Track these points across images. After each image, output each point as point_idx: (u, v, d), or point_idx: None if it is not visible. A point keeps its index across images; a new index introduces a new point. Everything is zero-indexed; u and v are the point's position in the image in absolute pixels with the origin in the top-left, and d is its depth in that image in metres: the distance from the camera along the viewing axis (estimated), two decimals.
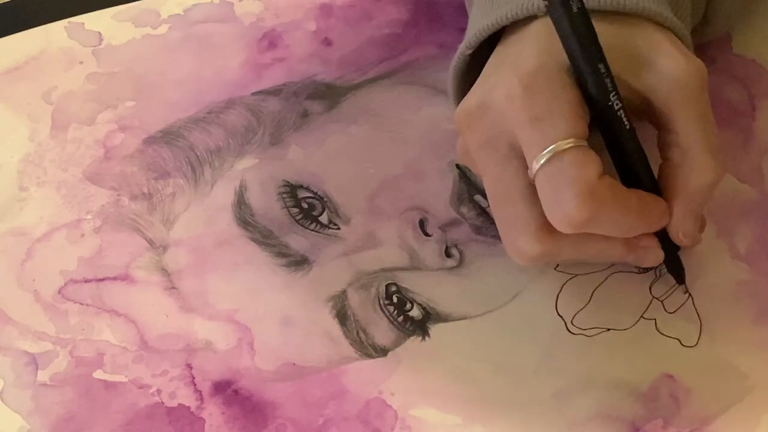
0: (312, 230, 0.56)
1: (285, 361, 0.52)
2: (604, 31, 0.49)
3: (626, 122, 0.49)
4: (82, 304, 0.54)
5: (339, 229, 0.56)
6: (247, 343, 0.53)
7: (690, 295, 0.54)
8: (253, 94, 0.61)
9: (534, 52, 0.49)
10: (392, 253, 0.55)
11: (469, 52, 0.53)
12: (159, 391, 0.52)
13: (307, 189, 0.57)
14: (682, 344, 0.53)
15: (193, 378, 0.52)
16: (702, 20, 0.58)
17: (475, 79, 0.52)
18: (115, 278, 0.55)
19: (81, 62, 0.62)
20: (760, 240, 0.56)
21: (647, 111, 0.50)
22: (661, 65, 0.49)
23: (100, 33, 0.63)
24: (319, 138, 0.59)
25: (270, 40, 0.63)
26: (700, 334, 0.53)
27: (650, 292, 0.54)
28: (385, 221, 0.56)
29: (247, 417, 0.51)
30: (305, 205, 0.56)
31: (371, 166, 0.58)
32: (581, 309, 0.54)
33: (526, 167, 0.48)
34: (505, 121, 0.49)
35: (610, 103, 0.49)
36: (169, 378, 0.52)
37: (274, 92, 0.61)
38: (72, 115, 0.60)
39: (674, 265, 0.53)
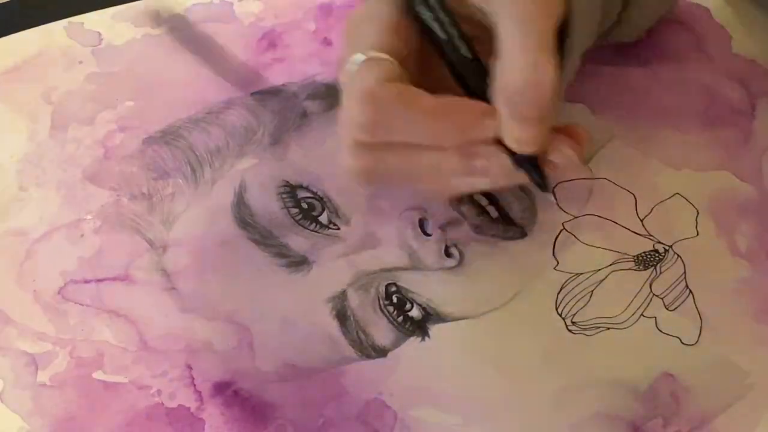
0: (312, 230, 0.56)
1: (285, 362, 0.52)
2: None
3: (440, 33, 0.49)
4: (82, 305, 0.54)
5: (339, 229, 0.56)
6: (246, 344, 0.53)
7: (690, 292, 0.54)
8: (252, 94, 0.61)
9: None
10: (392, 253, 0.55)
11: None
12: (159, 392, 0.52)
13: (307, 189, 0.57)
14: (682, 342, 0.53)
15: (193, 379, 0.52)
16: (617, 20, 0.58)
17: None
18: (114, 279, 0.55)
19: (80, 62, 0.62)
20: (760, 238, 0.56)
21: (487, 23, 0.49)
22: None
23: (99, 33, 0.63)
24: (318, 138, 0.59)
25: (270, 40, 0.63)
26: (700, 332, 0.53)
27: (650, 290, 0.54)
28: (385, 221, 0.56)
29: (246, 418, 0.51)
30: (305, 206, 0.56)
31: None
32: (581, 308, 0.54)
33: None
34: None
35: (418, 14, 0.49)
36: (168, 379, 0.52)
37: (273, 92, 0.61)
38: (71, 115, 0.60)
39: (534, 175, 0.50)
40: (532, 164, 0.49)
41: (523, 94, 0.47)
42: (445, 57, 0.49)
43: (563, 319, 0.54)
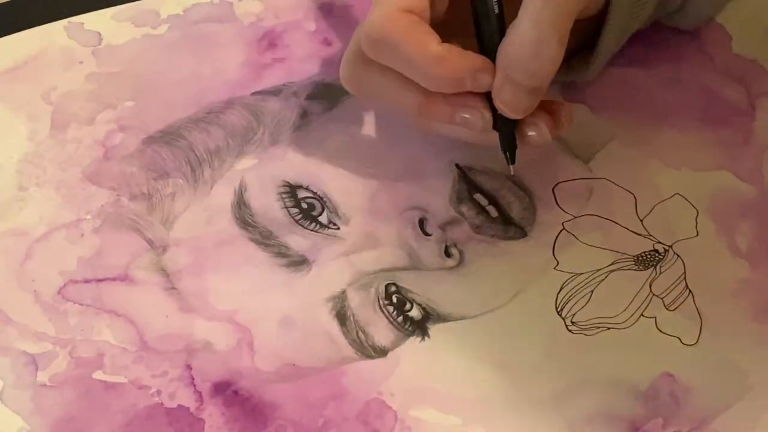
0: (311, 230, 0.56)
1: (285, 362, 0.52)
2: None
3: None
4: (82, 305, 0.54)
5: (339, 229, 0.56)
6: (246, 344, 0.53)
7: (690, 292, 0.54)
8: (252, 94, 0.61)
9: None
10: (392, 253, 0.55)
11: None
12: (159, 392, 0.52)
13: (307, 189, 0.57)
14: (682, 342, 0.53)
15: (193, 379, 0.52)
16: (680, 6, 0.58)
17: None
18: (114, 279, 0.55)
19: (80, 62, 0.62)
20: (760, 238, 0.56)
21: None
22: None
23: (99, 33, 0.63)
24: (318, 138, 0.59)
25: (270, 40, 0.63)
26: (700, 333, 0.53)
27: (650, 290, 0.54)
28: (385, 221, 0.56)
29: (246, 418, 0.51)
30: (305, 205, 0.56)
31: (371, 166, 0.58)
32: (581, 308, 0.54)
33: None
34: None
35: None
36: (168, 379, 0.52)
37: (273, 92, 0.61)
38: (71, 115, 0.60)
39: (507, 142, 0.53)
40: (509, 130, 0.52)
41: (523, 63, 0.49)
42: (473, 4, 0.51)
43: (563, 319, 0.54)
